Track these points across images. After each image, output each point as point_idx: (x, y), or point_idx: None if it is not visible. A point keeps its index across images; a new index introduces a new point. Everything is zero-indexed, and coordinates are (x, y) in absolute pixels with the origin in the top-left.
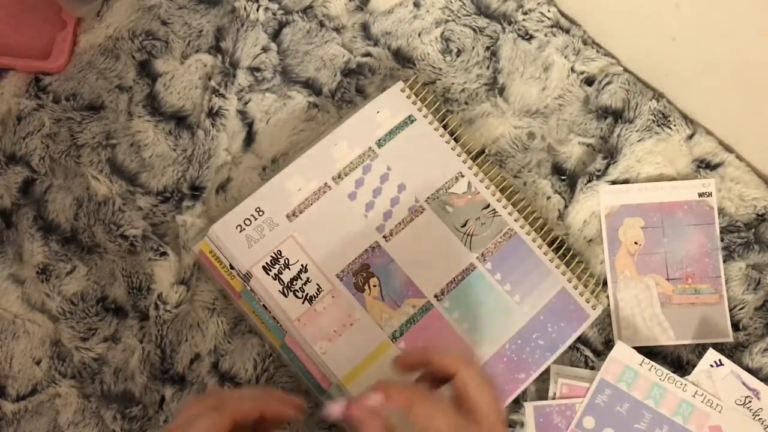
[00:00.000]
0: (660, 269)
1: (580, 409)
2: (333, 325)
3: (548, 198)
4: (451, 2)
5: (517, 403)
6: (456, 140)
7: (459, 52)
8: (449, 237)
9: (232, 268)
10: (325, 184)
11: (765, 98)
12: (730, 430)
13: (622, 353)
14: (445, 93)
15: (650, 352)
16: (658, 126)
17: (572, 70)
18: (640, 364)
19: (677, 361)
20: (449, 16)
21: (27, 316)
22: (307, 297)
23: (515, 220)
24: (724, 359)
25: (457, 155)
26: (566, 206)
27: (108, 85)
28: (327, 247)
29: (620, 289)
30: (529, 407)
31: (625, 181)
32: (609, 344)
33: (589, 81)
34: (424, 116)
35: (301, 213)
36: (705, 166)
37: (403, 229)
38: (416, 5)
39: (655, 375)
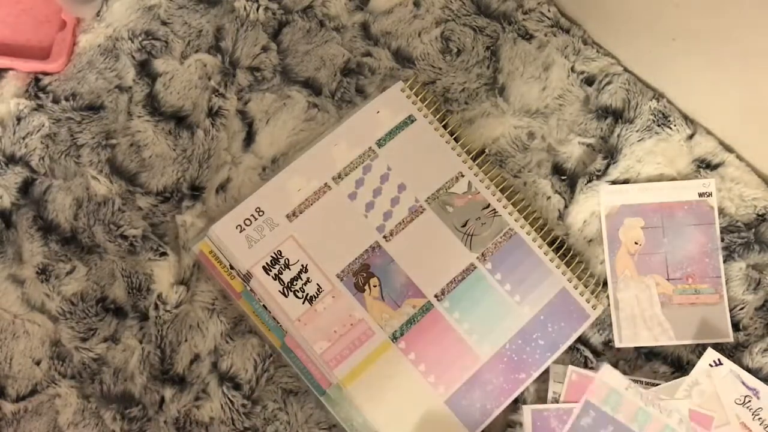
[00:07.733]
0: (660, 269)
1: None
2: (333, 326)
3: (548, 198)
4: (451, 2)
5: (517, 403)
6: (456, 140)
7: (459, 52)
8: (449, 237)
9: (232, 268)
10: (325, 184)
11: (765, 98)
12: (730, 430)
13: (609, 376)
14: (445, 93)
15: (650, 352)
16: (658, 126)
17: (572, 70)
18: (626, 389)
19: (677, 361)
20: (449, 15)
21: (27, 317)
22: (308, 297)
23: (515, 220)
24: (723, 359)
25: (457, 155)
26: (566, 206)
27: (108, 85)
28: (327, 247)
29: (620, 289)
30: (526, 411)
31: (625, 181)
32: (609, 344)
33: (589, 81)
34: (424, 116)
35: (301, 213)
36: (705, 166)
37: (403, 229)
38: (416, 5)
39: (641, 400)
